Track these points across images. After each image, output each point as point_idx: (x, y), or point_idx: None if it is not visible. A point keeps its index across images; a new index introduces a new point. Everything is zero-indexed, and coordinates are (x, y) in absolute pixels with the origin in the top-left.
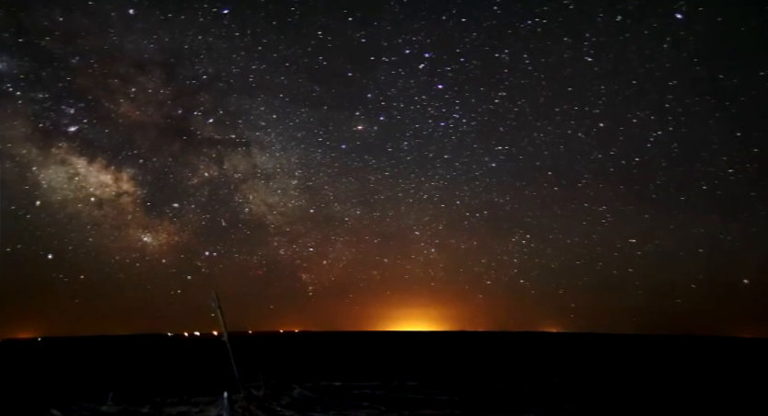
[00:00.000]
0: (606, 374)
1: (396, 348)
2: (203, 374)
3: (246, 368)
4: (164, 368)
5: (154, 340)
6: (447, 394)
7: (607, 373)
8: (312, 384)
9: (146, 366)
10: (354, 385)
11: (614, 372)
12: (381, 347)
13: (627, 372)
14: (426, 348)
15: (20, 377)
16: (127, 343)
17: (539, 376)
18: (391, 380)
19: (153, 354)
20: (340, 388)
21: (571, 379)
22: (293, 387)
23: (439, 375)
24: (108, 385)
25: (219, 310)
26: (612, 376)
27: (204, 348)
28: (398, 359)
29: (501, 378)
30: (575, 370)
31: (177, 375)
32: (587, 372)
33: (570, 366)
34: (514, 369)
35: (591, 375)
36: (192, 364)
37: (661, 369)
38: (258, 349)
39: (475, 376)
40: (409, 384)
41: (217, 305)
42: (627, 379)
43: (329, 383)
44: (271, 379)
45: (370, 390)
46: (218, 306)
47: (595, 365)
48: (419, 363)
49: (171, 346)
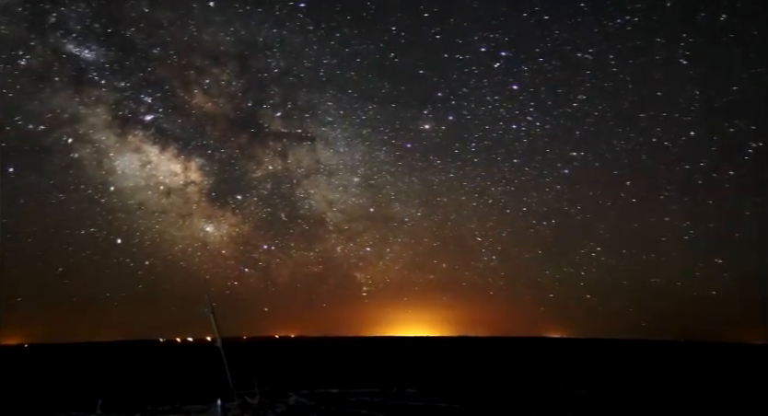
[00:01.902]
0: (615, 380)
1: (396, 354)
2: (196, 380)
3: (240, 375)
4: (155, 375)
5: (145, 347)
6: (447, 401)
7: (616, 379)
8: (309, 391)
9: (137, 373)
10: (352, 392)
11: (624, 379)
12: (380, 353)
13: (639, 379)
14: (430, 354)
15: (7, 385)
16: (118, 350)
17: (545, 383)
18: (390, 387)
19: (144, 361)
20: (337, 395)
21: (580, 386)
22: (289, 394)
23: (439, 381)
24: (97, 392)
25: (212, 315)
26: (621, 383)
27: (197, 354)
28: (397, 365)
29: (505, 385)
30: (583, 377)
31: (168, 383)
32: (595, 379)
33: (578, 373)
34: (517, 376)
35: (599, 381)
36: (185, 370)
37: (677, 376)
38: (253, 355)
39: (477, 383)
40: (408, 391)
41: (210, 310)
42: (638, 386)
43: (326, 390)
44: (266, 386)
45: (368, 397)
46: (211, 310)
47: (604, 372)
48: (419, 369)
49: (163, 352)
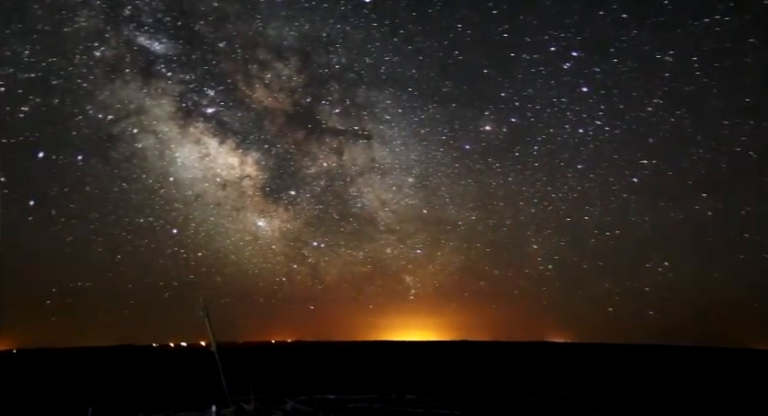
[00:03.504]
0: (625, 386)
1: (395, 358)
2: (190, 386)
3: (235, 380)
4: (148, 381)
5: (137, 352)
6: (447, 408)
7: (626, 385)
8: (305, 397)
9: (129, 379)
10: (350, 398)
11: (632, 384)
12: (379, 357)
13: (647, 384)
14: (431, 359)
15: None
16: (109, 355)
17: (549, 389)
18: (389, 393)
19: (137, 366)
20: (334, 402)
21: (584, 393)
22: (285, 400)
23: (440, 387)
24: (87, 399)
25: (207, 319)
26: (631, 389)
27: (192, 359)
28: (396, 370)
29: (506, 391)
30: (588, 383)
31: (162, 388)
32: (600, 385)
33: (583, 379)
34: (521, 381)
35: (605, 388)
36: (179, 375)
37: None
38: (248, 360)
39: (478, 389)
40: (407, 397)
41: (205, 313)
42: (648, 391)
43: (323, 396)
44: (261, 392)
45: (367, 404)
46: (206, 314)
47: (610, 378)
48: (419, 374)
49: (156, 357)
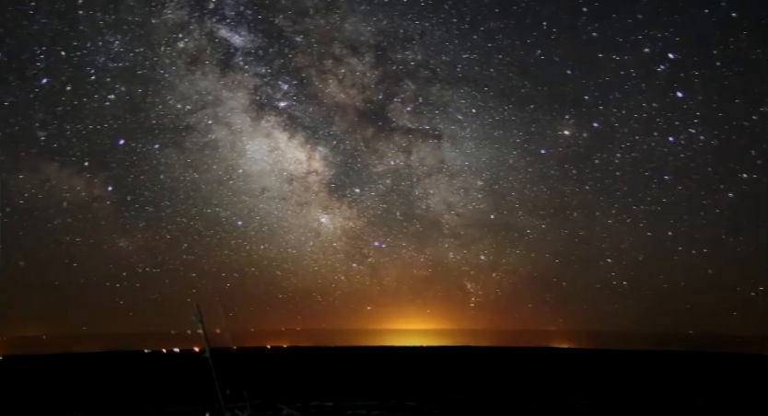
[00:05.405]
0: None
1: (395, 364)
2: (182, 392)
3: (229, 386)
4: (139, 387)
5: (128, 358)
6: (448, 415)
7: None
8: (302, 404)
9: (119, 385)
10: (348, 404)
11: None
12: (378, 363)
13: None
14: (432, 365)
15: None
16: (100, 361)
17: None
18: (388, 399)
19: (127, 372)
20: (332, 408)
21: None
22: (281, 407)
23: (441, 393)
24: (74, 406)
25: (201, 324)
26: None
27: (184, 365)
28: (395, 376)
29: (509, 398)
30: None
31: (153, 395)
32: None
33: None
34: (523, 387)
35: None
36: (171, 381)
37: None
38: (243, 365)
39: (481, 395)
40: (407, 403)
41: (199, 318)
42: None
43: (320, 402)
44: (257, 398)
45: (365, 410)
46: (200, 319)
47: (613, 384)
48: (419, 380)
49: (148, 363)
